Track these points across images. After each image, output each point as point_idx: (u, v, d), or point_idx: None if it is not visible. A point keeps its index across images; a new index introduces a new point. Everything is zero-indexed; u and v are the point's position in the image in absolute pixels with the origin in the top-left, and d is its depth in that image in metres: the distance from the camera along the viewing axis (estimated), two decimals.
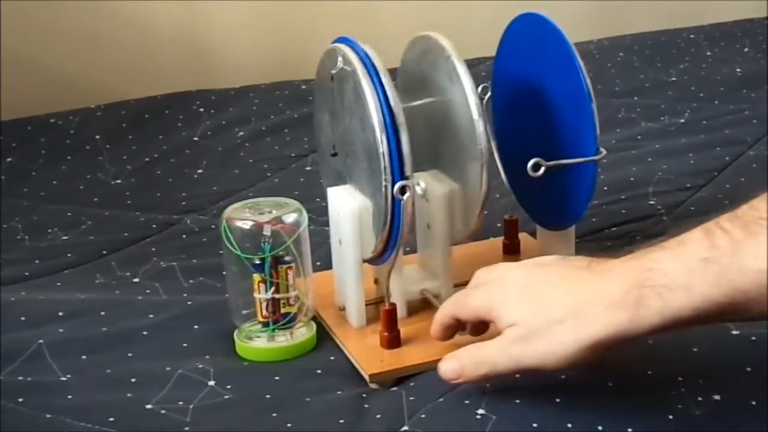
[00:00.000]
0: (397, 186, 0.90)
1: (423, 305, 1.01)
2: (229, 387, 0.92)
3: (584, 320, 0.78)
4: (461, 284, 0.95)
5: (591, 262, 0.82)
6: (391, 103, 0.92)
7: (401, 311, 0.97)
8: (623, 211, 1.22)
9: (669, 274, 0.75)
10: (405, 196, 0.91)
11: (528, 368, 0.82)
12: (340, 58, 0.95)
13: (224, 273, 1.01)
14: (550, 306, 0.80)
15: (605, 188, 1.26)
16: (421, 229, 1.02)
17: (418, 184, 0.91)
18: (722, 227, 0.75)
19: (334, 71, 0.96)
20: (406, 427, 0.84)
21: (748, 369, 0.87)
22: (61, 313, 1.04)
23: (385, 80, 0.92)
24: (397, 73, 1.05)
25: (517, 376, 0.85)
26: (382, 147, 0.91)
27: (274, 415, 0.88)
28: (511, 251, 1.11)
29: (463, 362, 0.85)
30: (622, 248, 1.09)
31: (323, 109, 1.02)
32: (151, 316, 1.04)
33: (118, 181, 1.41)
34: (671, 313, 0.75)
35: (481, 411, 0.83)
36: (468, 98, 0.96)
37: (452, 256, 1.01)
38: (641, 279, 0.76)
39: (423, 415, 0.85)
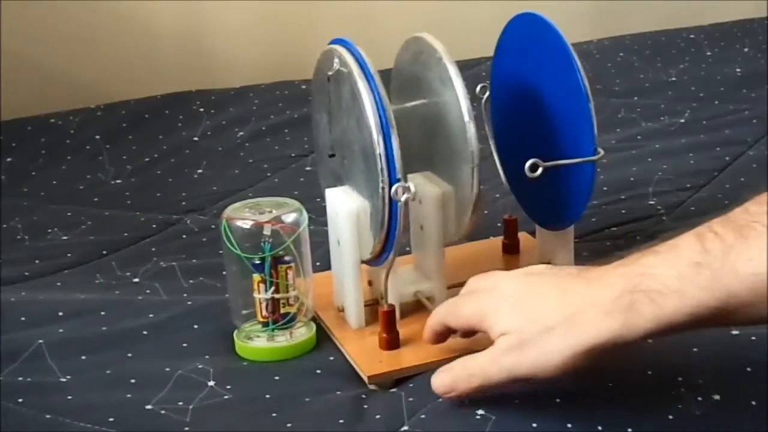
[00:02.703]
0: (394, 188, 0.90)
1: (417, 306, 1.00)
2: (228, 387, 0.92)
3: (577, 327, 0.77)
4: (457, 285, 0.95)
5: (582, 270, 0.81)
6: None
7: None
8: (623, 211, 1.22)
9: (661, 279, 0.75)
10: (402, 198, 0.90)
11: (521, 377, 0.80)
12: (336, 60, 0.95)
13: (224, 273, 1.01)
14: (542, 314, 0.79)
15: (605, 188, 1.26)
16: (414, 231, 1.02)
17: (409, 189, 0.90)
18: (714, 231, 0.74)
19: (330, 73, 0.96)
20: (405, 428, 0.84)
21: (748, 369, 0.87)
22: (61, 313, 1.04)
23: (376, 82, 0.92)
24: (391, 74, 1.05)
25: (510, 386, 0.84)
26: (379, 148, 0.91)
27: (274, 415, 0.88)
28: (511, 251, 1.11)
29: (454, 375, 0.84)
30: (622, 248, 1.10)
31: (321, 110, 1.02)
32: (151, 316, 1.04)
33: (118, 181, 1.41)
34: (665, 318, 0.75)
35: (480, 411, 0.83)
36: (459, 100, 0.95)
37: (446, 257, 1.01)
38: (633, 284, 0.76)
39: (422, 416, 0.85)
